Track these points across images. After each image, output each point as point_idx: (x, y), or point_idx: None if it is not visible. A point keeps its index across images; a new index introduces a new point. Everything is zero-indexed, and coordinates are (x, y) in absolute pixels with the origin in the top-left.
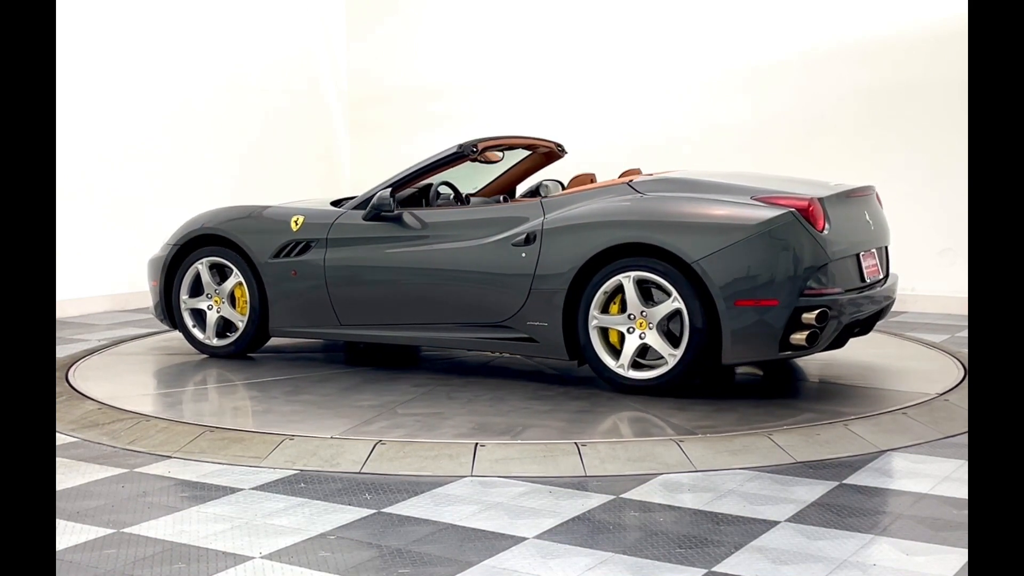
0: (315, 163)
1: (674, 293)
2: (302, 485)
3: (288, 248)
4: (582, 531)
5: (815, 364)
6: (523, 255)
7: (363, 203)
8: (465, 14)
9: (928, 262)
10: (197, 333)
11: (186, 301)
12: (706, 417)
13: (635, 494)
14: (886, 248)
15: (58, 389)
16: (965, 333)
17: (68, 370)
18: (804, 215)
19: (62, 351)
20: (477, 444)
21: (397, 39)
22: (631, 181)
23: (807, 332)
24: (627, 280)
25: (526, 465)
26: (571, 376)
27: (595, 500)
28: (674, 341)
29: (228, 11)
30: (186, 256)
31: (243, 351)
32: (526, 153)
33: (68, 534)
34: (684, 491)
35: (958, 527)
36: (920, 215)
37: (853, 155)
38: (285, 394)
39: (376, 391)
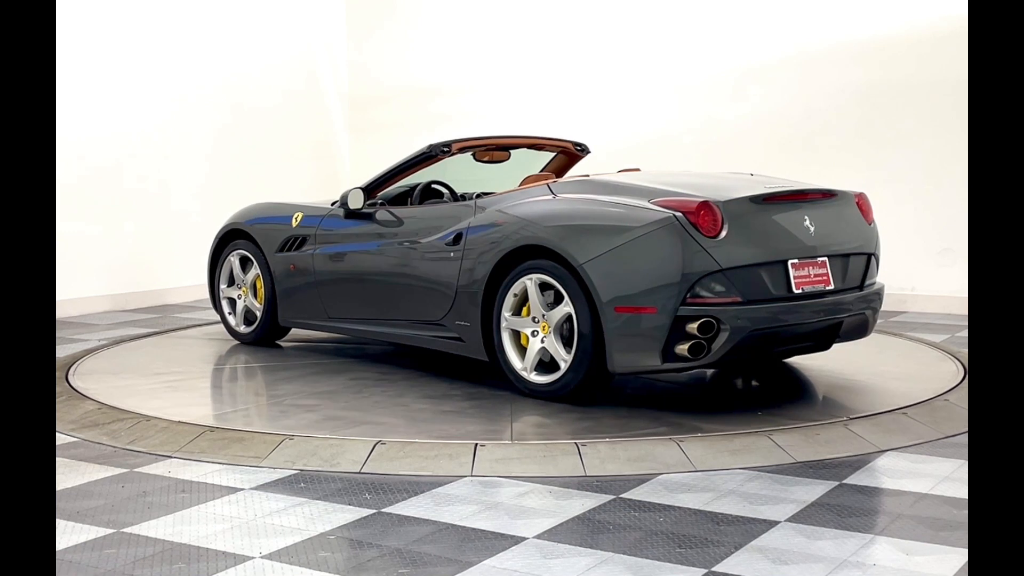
0: (315, 163)
1: (566, 297)
2: (302, 485)
3: (288, 243)
4: (582, 531)
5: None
6: (452, 255)
7: None
8: (465, 14)
9: (928, 262)
10: (231, 320)
11: (223, 291)
12: (562, 420)
13: (635, 494)
14: (867, 256)
15: (58, 389)
16: (965, 333)
17: (68, 370)
18: (690, 219)
19: (62, 351)
20: (477, 444)
21: (397, 39)
22: (550, 183)
23: (690, 343)
24: (531, 283)
25: (526, 465)
26: (502, 379)
27: (595, 500)
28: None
29: (228, 11)
30: (224, 249)
31: (263, 339)
32: (552, 154)
33: (68, 534)
34: (684, 491)
35: (958, 527)
36: (920, 215)
37: (853, 154)
38: (225, 380)
39: (309, 382)
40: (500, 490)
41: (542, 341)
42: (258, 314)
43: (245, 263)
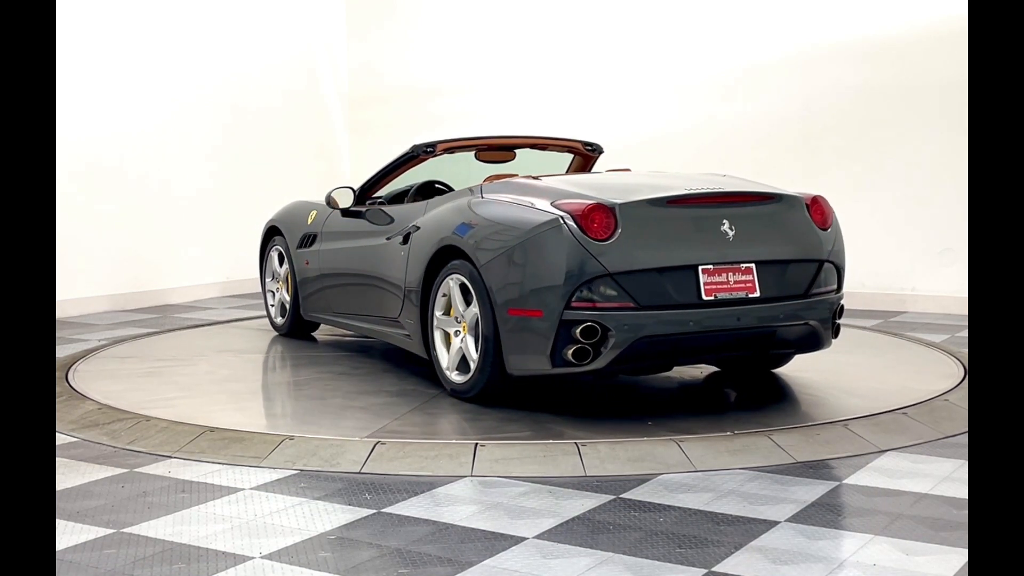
0: (315, 162)
1: (474, 298)
2: (302, 485)
3: (304, 240)
4: (582, 531)
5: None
6: (402, 254)
7: None
8: (465, 14)
9: (928, 262)
10: (271, 312)
11: (267, 284)
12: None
13: (635, 494)
14: (817, 264)
15: (58, 389)
16: (965, 333)
17: (68, 370)
18: (579, 221)
19: (62, 351)
20: (477, 444)
21: (397, 39)
22: (482, 184)
23: (574, 347)
24: (453, 283)
25: (526, 465)
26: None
27: (595, 500)
28: None
29: (229, 11)
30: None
31: (294, 331)
32: (563, 154)
33: (68, 534)
34: (684, 491)
35: (958, 527)
36: (920, 215)
37: (853, 154)
38: (209, 369)
39: (279, 374)
40: (500, 490)
41: (462, 341)
42: (288, 307)
43: (282, 258)
